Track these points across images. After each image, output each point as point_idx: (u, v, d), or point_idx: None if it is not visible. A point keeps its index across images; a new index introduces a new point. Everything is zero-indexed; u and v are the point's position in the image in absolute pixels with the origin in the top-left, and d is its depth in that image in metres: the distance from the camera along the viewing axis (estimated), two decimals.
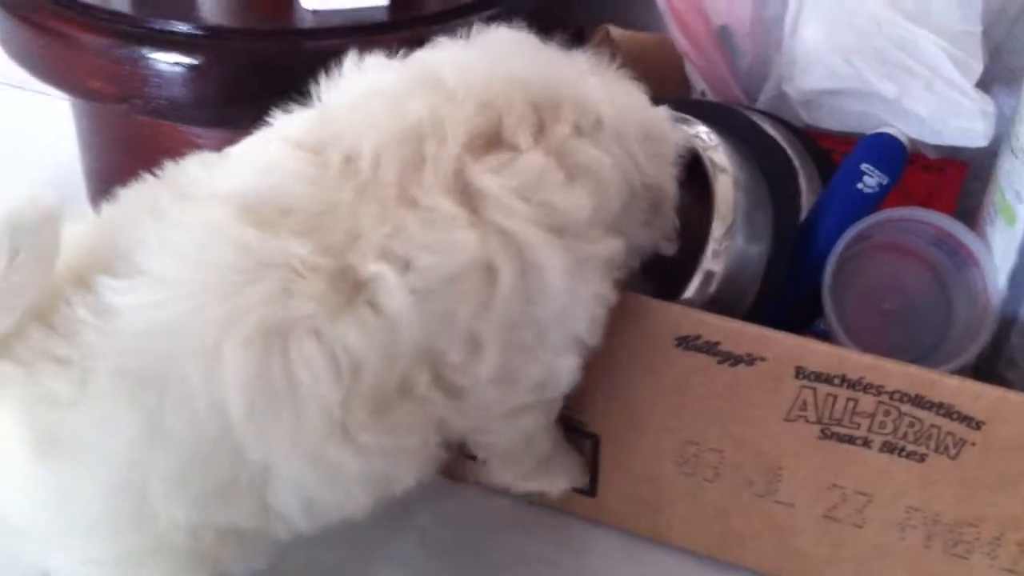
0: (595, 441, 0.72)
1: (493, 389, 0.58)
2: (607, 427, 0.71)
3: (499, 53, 0.61)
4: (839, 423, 0.64)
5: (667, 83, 0.92)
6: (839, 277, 0.69)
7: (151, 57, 0.80)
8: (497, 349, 0.56)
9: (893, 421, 0.62)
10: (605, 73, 0.64)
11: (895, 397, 0.62)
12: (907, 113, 0.76)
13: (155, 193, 0.56)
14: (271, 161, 0.56)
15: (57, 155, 1.07)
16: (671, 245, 0.67)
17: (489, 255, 0.54)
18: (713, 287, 0.68)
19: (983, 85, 0.74)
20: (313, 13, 0.84)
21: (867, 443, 0.64)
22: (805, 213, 0.74)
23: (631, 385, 0.68)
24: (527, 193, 0.55)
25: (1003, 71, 0.77)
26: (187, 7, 0.85)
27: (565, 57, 0.63)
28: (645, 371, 0.67)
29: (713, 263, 0.69)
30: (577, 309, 0.58)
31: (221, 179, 0.56)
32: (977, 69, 0.74)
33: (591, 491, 0.74)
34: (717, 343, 0.65)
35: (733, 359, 0.65)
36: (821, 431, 0.65)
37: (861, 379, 0.62)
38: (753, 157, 0.73)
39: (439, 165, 0.55)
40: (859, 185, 0.72)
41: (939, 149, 0.77)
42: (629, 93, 0.64)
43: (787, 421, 0.65)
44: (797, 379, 0.63)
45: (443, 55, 0.62)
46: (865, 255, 0.71)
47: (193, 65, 0.80)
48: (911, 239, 0.72)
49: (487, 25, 0.84)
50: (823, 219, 0.72)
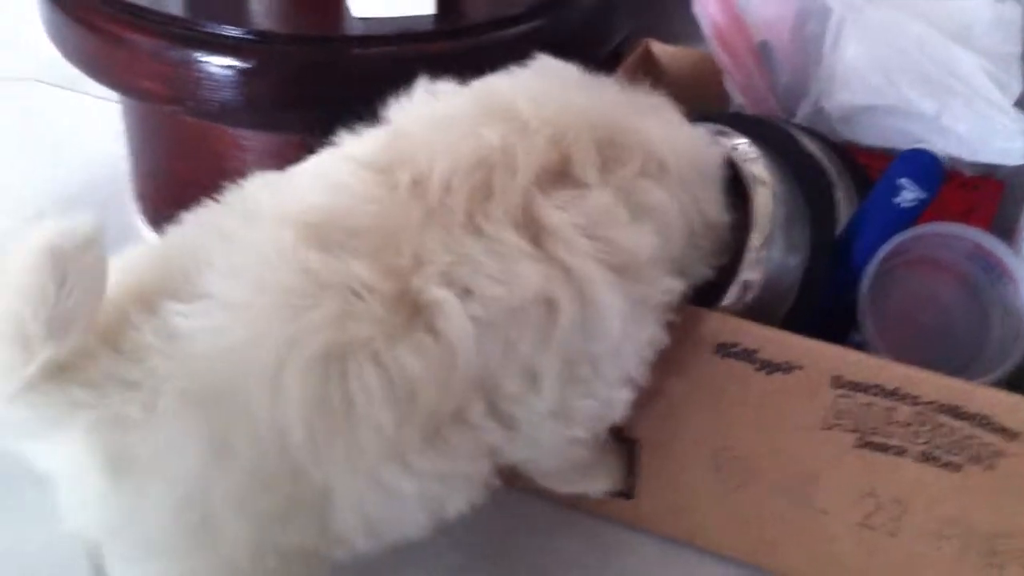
0: (634, 445, 0.73)
1: (549, 422, 0.58)
2: (646, 432, 0.72)
3: (566, 86, 0.62)
4: (875, 432, 0.65)
5: (706, 97, 0.94)
6: (875, 290, 0.70)
7: (203, 60, 0.82)
8: (554, 382, 0.56)
9: (929, 431, 0.63)
10: (664, 113, 0.64)
11: (931, 407, 0.63)
12: (946, 131, 0.77)
13: (220, 215, 0.57)
14: (337, 181, 0.56)
15: (104, 155, 1.10)
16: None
17: (551, 289, 0.54)
18: (750, 296, 0.69)
19: (1021, 105, 0.75)
20: (362, 20, 0.86)
21: (903, 452, 0.65)
22: (841, 226, 0.75)
23: (670, 391, 0.69)
24: (592, 230, 0.56)
25: None
26: (239, 12, 0.87)
27: (624, 93, 0.64)
28: (684, 377, 0.68)
29: (750, 272, 0.69)
30: (630, 348, 0.59)
31: (286, 200, 0.56)
32: (1016, 89, 0.75)
33: (629, 495, 0.75)
34: (755, 351, 0.66)
35: (771, 367, 0.66)
36: (857, 440, 0.65)
37: (897, 389, 0.63)
38: (790, 170, 0.74)
39: (508, 196, 0.55)
40: (897, 199, 0.73)
41: (976, 167, 0.79)
42: (688, 136, 0.65)
43: (824, 429, 0.66)
44: (834, 388, 0.64)
45: (514, 84, 0.62)
46: (901, 269, 0.72)
47: (243, 69, 0.82)
48: (947, 254, 0.72)
49: (532, 37, 0.87)
50: (861, 232, 0.73)
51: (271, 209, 0.56)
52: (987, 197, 0.81)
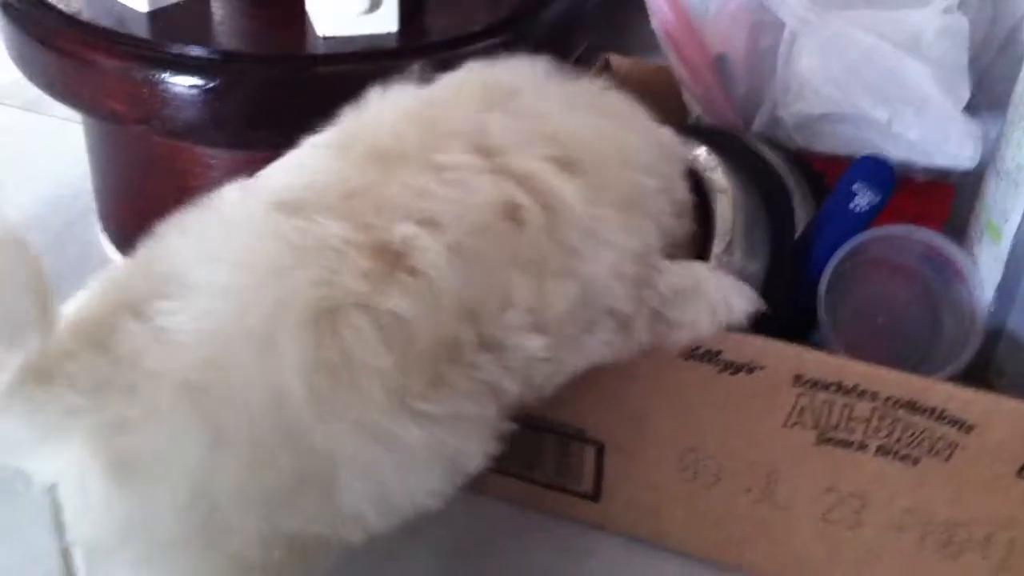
0: (599, 448, 0.74)
1: (532, 339, 0.57)
2: (611, 434, 0.74)
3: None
4: (835, 428, 0.67)
5: (665, 109, 0.95)
6: (833, 291, 0.72)
7: (169, 80, 0.83)
8: (533, 290, 0.56)
9: (888, 426, 0.65)
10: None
11: (889, 403, 0.64)
12: (897, 137, 0.79)
13: (194, 216, 0.57)
14: (298, 161, 0.59)
15: (67, 176, 1.10)
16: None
17: (507, 196, 0.56)
18: None
19: (970, 111, 0.78)
20: (325, 39, 0.87)
21: (863, 447, 0.66)
22: (799, 232, 0.77)
23: (635, 393, 0.71)
24: (541, 131, 0.58)
25: (988, 98, 0.81)
26: (204, 32, 0.88)
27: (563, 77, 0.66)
28: (648, 380, 0.70)
29: None
30: (602, 234, 0.59)
31: (252, 186, 0.58)
32: (964, 96, 0.77)
33: (595, 497, 0.76)
34: (719, 352, 0.67)
35: (734, 368, 0.67)
36: (818, 437, 0.67)
37: (857, 386, 0.65)
38: (749, 178, 0.76)
39: (455, 125, 0.58)
40: (852, 205, 0.75)
41: (928, 171, 0.81)
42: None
43: (785, 427, 0.68)
44: (795, 387, 0.66)
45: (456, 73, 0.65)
46: (858, 271, 0.74)
47: (209, 88, 0.83)
48: (902, 255, 0.75)
49: (493, 52, 0.89)
50: (818, 237, 0.75)
51: (239, 196, 0.57)
52: (939, 201, 0.83)
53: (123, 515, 0.51)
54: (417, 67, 0.64)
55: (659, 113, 0.92)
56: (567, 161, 0.58)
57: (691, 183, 0.72)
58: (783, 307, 0.73)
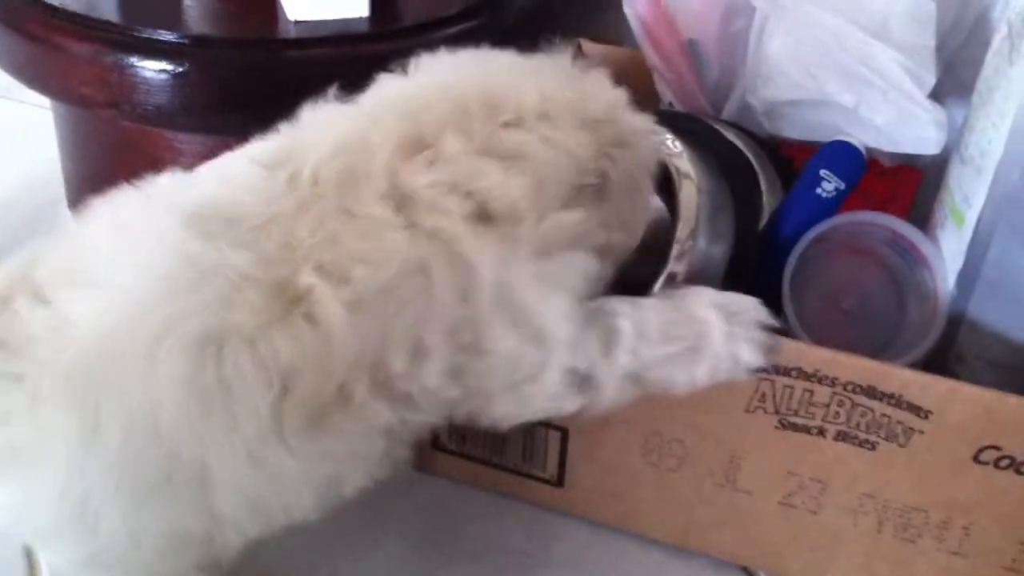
0: (564, 434, 0.75)
1: (448, 390, 0.57)
2: (574, 419, 0.73)
3: (459, 65, 0.62)
4: (795, 413, 0.67)
5: (637, 95, 0.95)
6: (799, 277, 0.72)
7: (138, 64, 0.83)
8: (442, 355, 0.55)
9: (846, 411, 0.65)
10: (558, 70, 0.63)
11: (848, 388, 0.65)
12: (864, 122, 0.79)
13: (122, 204, 0.57)
14: (228, 175, 0.58)
15: (36, 161, 1.10)
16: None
17: (420, 257, 0.54)
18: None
19: (936, 96, 0.78)
20: (296, 24, 0.87)
21: (822, 432, 0.67)
22: (767, 216, 0.78)
23: None
24: (454, 186, 0.55)
25: (955, 84, 0.81)
26: (174, 16, 0.87)
27: (523, 60, 0.63)
28: None
29: (677, 264, 0.71)
30: (518, 297, 0.56)
31: (181, 189, 0.58)
32: (930, 81, 0.77)
33: (559, 482, 0.77)
34: None
35: None
36: (779, 421, 0.68)
37: (817, 371, 0.65)
38: (716, 163, 0.76)
39: (371, 176, 0.55)
40: (818, 190, 0.75)
41: (894, 156, 0.81)
42: (575, 86, 0.62)
43: (747, 412, 0.68)
44: (756, 371, 0.66)
45: (406, 80, 0.62)
46: (823, 256, 0.74)
47: (179, 72, 0.83)
48: (867, 241, 0.75)
49: (465, 37, 0.89)
50: (784, 222, 0.75)
51: (166, 197, 0.57)
52: (906, 185, 0.83)
53: (5, 503, 0.53)
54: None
55: (630, 99, 0.92)
56: (483, 214, 0.55)
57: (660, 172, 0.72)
58: (748, 292, 0.74)
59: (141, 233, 0.55)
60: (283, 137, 0.60)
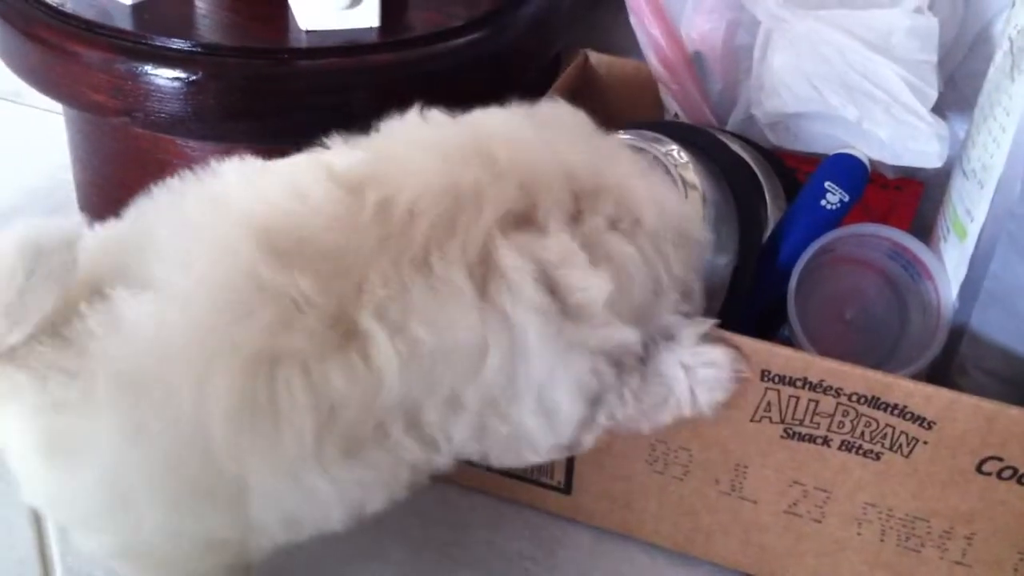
0: None
1: (469, 445, 0.59)
2: None
3: (553, 134, 0.61)
4: (801, 423, 0.68)
5: (642, 106, 0.97)
6: (803, 287, 0.73)
7: (151, 72, 0.84)
8: (474, 412, 0.57)
9: (851, 421, 0.66)
10: (651, 174, 0.65)
11: (853, 399, 0.66)
12: (867, 136, 0.80)
13: (186, 198, 0.57)
14: (304, 190, 0.56)
15: (48, 166, 1.11)
16: None
17: (484, 337, 0.55)
18: None
19: (938, 110, 0.79)
20: (307, 33, 0.88)
21: (827, 442, 0.68)
22: (771, 228, 0.79)
23: None
24: (545, 272, 0.56)
25: (957, 98, 0.82)
26: (186, 25, 0.88)
27: (617, 150, 0.65)
28: None
29: None
30: (553, 387, 0.58)
31: (252, 195, 0.56)
32: (933, 96, 0.79)
33: (567, 489, 0.77)
34: None
35: None
36: (784, 431, 0.68)
37: (822, 382, 0.66)
38: (721, 174, 0.78)
39: (468, 234, 0.55)
40: (822, 202, 0.76)
41: (897, 169, 0.82)
42: (673, 199, 0.65)
43: (752, 421, 0.69)
44: (763, 381, 0.67)
45: (500, 126, 0.61)
46: (827, 267, 0.75)
47: (191, 81, 0.84)
48: (870, 253, 0.76)
49: (473, 48, 0.90)
50: (788, 233, 0.76)
51: (236, 202, 0.56)
52: (908, 197, 0.85)
53: (49, 489, 0.55)
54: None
55: (636, 110, 0.93)
56: (559, 306, 0.56)
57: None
58: (752, 303, 0.75)
59: (207, 242, 0.54)
60: (364, 153, 0.59)
